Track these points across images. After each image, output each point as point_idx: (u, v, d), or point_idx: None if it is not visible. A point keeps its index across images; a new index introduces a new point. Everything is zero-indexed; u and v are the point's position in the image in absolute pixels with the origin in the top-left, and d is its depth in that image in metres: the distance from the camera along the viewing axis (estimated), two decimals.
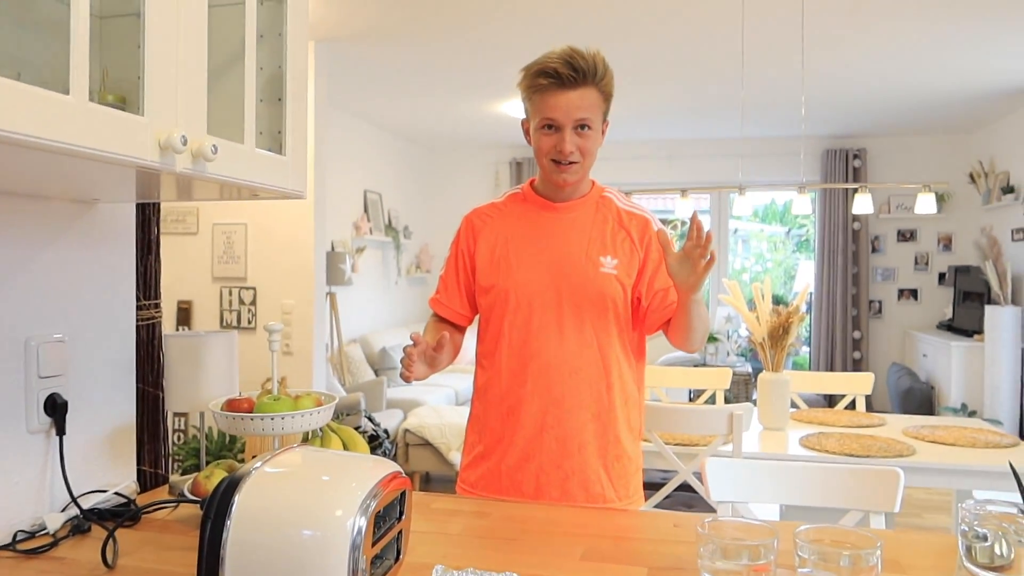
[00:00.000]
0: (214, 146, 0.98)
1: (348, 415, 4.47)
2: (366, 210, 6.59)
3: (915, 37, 4.19)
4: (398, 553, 1.08)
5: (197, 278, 4.55)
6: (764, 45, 4.24)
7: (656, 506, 2.87)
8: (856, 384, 3.66)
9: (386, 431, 4.53)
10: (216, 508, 0.90)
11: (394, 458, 5.09)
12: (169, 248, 4.58)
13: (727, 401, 5.04)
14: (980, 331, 5.79)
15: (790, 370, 5.60)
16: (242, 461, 1.50)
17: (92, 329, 1.39)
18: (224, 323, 4.48)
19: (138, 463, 1.52)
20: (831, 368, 7.24)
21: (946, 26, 4.01)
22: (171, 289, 4.62)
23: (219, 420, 1.33)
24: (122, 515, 1.27)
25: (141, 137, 0.91)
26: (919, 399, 6.16)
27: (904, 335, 7.17)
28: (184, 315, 4.61)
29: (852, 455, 2.74)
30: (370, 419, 4.50)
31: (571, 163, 1.58)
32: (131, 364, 1.46)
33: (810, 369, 7.44)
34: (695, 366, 6.13)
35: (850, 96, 5.58)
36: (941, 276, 7.08)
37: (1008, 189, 5.89)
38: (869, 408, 6.94)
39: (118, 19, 1.07)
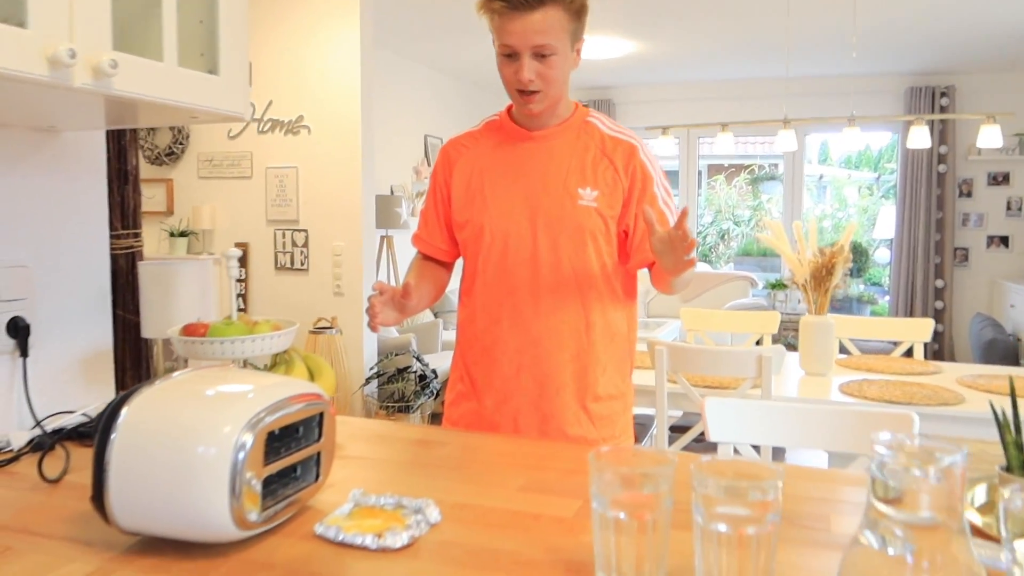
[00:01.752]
0: (112, 61, 0.96)
1: (397, 355, 4.54)
2: (427, 155, 6.59)
3: None
4: (318, 474, 1.07)
5: (253, 221, 4.65)
6: None
7: (684, 448, 2.81)
8: (914, 331, 3.46)
9: (434, 371, 4.58)
10: (106, 419, 0.90)
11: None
12: (225, 191, 4.71)
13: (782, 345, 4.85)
14: None
15: (868, 317, 5.37)
16: None
17: (59, 256, 1.42)
18: (278, 265, 4.58)
19: (121, 388, 1.57)
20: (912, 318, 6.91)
21: None
22: (229, 232, 4.75)
23: (177, 345, 1.35)
24: (83, 434, 1.31)
25: (27, 51, 0.90)
26: (1002, 351, 5.80)
27: (992, 284, 6.75)
28: (241, 257, 4.75)
29: (892, 402, 2.60)
30: (419, 359, 4.55)
31: (533, 92, 1.48)
32: (106, 291, 1.49)
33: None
34: (763, 311, 5.95)
35: (936, 29, 5.18)
36: None
37: None
38: (942, 357, 6.61)
39: None
